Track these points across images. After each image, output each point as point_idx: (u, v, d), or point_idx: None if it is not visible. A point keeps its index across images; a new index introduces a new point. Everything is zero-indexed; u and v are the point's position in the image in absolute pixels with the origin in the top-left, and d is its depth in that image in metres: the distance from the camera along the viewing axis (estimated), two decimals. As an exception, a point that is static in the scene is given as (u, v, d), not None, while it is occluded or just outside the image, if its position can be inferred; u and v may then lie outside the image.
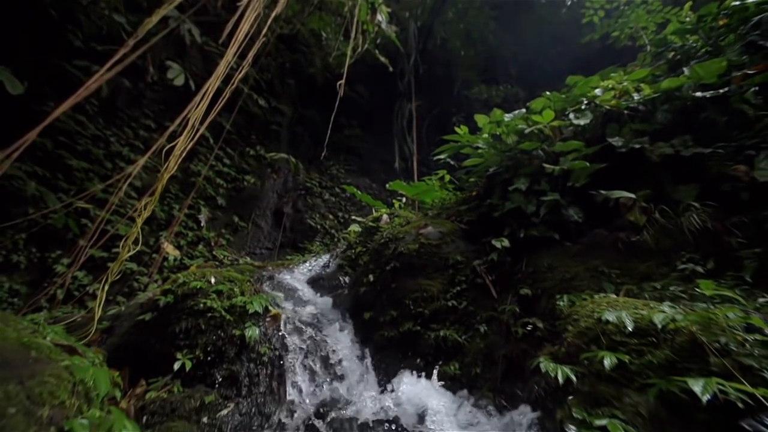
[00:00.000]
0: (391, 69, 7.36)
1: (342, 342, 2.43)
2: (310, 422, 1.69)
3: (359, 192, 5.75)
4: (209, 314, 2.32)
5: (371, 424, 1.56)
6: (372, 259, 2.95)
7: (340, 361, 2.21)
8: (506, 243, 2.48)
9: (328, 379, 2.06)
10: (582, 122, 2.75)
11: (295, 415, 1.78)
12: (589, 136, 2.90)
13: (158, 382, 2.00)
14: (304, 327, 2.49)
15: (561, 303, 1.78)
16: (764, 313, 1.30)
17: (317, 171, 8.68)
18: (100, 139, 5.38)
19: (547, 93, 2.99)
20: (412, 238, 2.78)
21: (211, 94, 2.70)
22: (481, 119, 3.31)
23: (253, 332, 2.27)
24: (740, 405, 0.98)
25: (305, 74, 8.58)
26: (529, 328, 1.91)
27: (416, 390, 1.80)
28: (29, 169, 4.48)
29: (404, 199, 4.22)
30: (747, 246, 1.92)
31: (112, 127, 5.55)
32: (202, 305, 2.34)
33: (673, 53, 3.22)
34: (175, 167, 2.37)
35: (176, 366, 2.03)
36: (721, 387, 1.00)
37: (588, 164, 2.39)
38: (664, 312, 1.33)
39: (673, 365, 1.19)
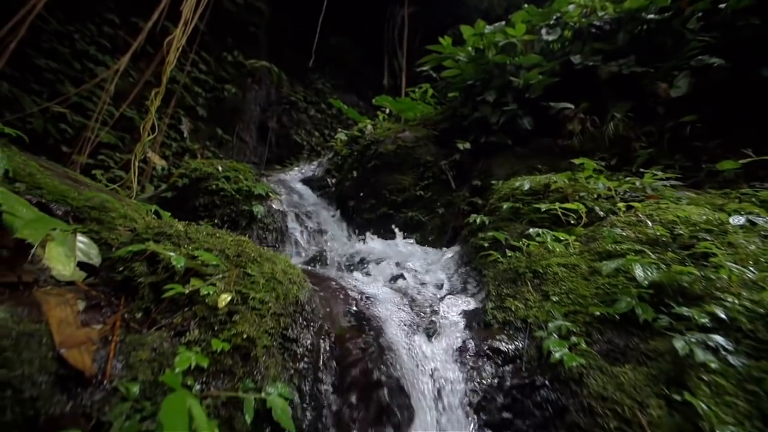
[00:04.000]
0: (383, -36, 6.96)
1: (330, 221, 3.26)
2: (309, 260, 2.57)
3: (346, 107, 6.12)
4: (222, 193, 3.03)
5: (352, 257, 2.44)
6: (356, 159, 3.63)
7: (328, 231, 3.06)
8: (468, 146, 3.17)
9: (320, 240, 2.92)
10: (551, 38, 3.21)
11: (293, 260, 2.65)
12: (558, 51, 3.38)
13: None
14: (299, 209, 3.27)
15: (495, 184, 2.57)
16: (618, 182, 2.09)
17: (302, 84, 8.72)
18: (64, 35, 5.34)
19: (526, 6, 3.34)
20: (390, 141, 3.43)
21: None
22: (466, 30, 3.66)
23: (259, 209, 3.03)
24: (561, 215, 1.81)
25: (284, -36, 7.95)
26: (471, 203, 2.74)
27: (384, 244, 2.68)
28: None
29: (387, 110, 4.72)
30: (645, 148, 2.69)
31: (74, 23, 5.45)
32: (214, 186, 3.04)
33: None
34: (175, 60, 2.78)
35: (203, 227, 2.82)
36: (563, 208, 1.81)
37: (541, 77, 2.96)
38: (551, 178, 2.12)
39: (548, 210, 2.00)
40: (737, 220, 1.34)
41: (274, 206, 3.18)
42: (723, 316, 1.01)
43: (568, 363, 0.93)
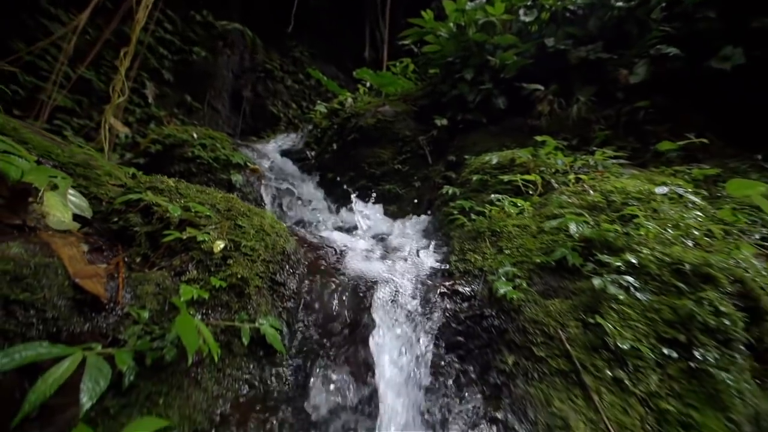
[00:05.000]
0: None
1: (310, 192, 3.38)
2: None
3: (325, 78, 6.06)
4: (198, 161, 3.05)
5: (333, 224, 2.60)
6: (336, 132, 3.72)
7: (309, 201, 3.18)
8: (445, 122, 3.34)
9: (302, 210, 3.04)
10: (528, 19, 3.38)
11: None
12: (535, 33, 3.56)
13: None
14: (279, 180, 3.35)
15: (468, 159, 2.78)
16: (574, 159, 2.35)
17: (278, 52, 8.43)
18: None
19: (507, -16, 3.46)
20: (371, 114, 3.53)
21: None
22: (448, 5, 3.74)
23: (237, 177, 3.09)
24: (522, 186, 2.05)
25: None
26: (445, 177, 2.95)
27: (364, 214, 2.85)
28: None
29: (368, 84, 4.77)
30: (603, 130, 2.98)
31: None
32: (190, 153, 3.05)
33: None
34: (145, 18, 2.70)
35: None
36: (523, 180, 2.04)
37: (516, 58, 3.14)
38: (516, 153, 2.35)
39: (511, 182, 2.23)
40: (661, 189, 1.62)
41: (253, 176, 3.25)
42: (636, 262, 1.28)
43: (510, 296, 1.17)
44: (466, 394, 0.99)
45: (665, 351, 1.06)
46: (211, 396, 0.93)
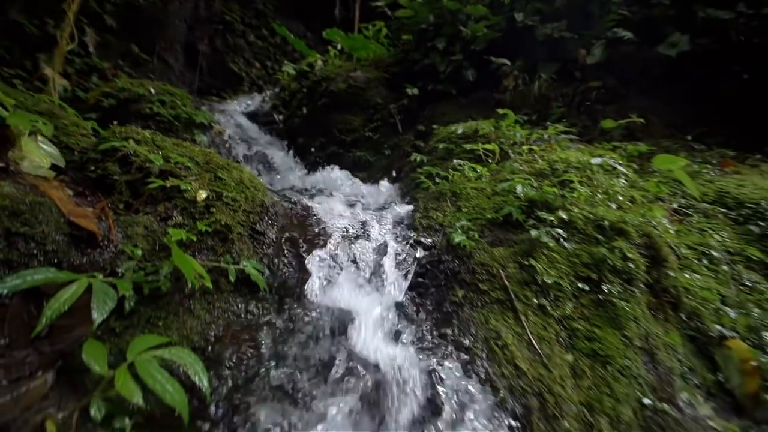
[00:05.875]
0: None
1: (280, 157, 3.43)
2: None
3: (292, 36, 5.85)
4: (158, 118, 2.98)
5: (305, 188, 2.73)
6: (305, 96, 3.73)
7: (280, 165, 3.25)
8: (416, 91, 3.49)
9: (272, 175, 3.11)
10: (500, -9, 3.52)
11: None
12: (507, 6, 3.72)
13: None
14: (247, 143, 3.36)
15: (436, 129, 2.98)
16: (530, 132, 2.63)
17: (238, 2, 7.87)
18: None
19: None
20: (342, 79, 3.58)
21: None
22: (423, -32, 3.76)
23: (202, 138, 3.06)
24: (483, 154, 2.30)
25: None
26: (414, 146, 3.14)
27: (335, 179, 2.99)
28: None
29: (338, 46, 4.72)
30: (559, 107, 3.30)
31: None
32: (148, 110, 2.96)
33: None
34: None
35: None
36: (484, 149, 2.28)
37: (486, 30, 3.31)
38: (480, 125, 2.58)
39: (473, 151, 2.47)
40: (596, 160, 1.93)
41: (218, 137, 3.23)
42: (567, 219, 1.58)
43: (464, 244, 1.42)
44: (423, 318, 1.24)
45: (580, 285, 1.38)
46: (204, 322, 1.10)
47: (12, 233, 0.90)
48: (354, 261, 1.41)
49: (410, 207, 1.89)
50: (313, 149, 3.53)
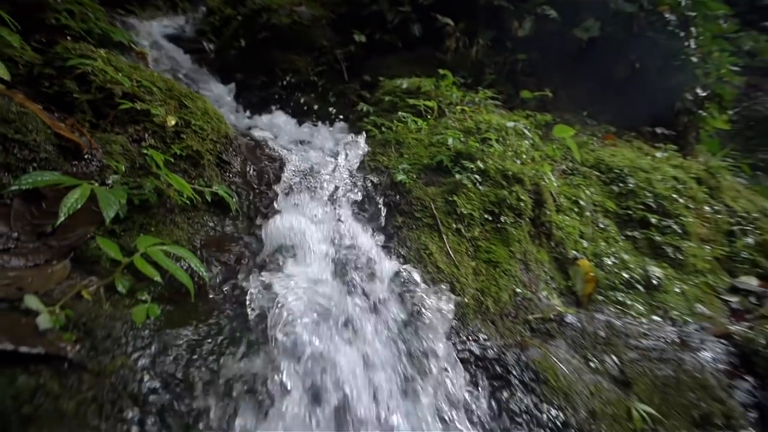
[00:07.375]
0: None
1: (218, 94, 3.37)
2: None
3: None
4: (66, 32, 2.68)
5: (250, 129, 2.83)
6: (242, 25, 3.61)
7: (217, 103, 3.22)
8: (364, 39, 3.66)
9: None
10: (450, -53, 3.74)
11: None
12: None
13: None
14: (174, 72, 3.21)
15: (381, 81, 3.26)
16: (464, 94, 3.09)
17: None
18: None
19: None
20: (285, 12, 3.55)
21: None
22: None
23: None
24: (423, 110, 2.72)
25: None
26: (360, 96, 3.40)
27: (275, 119, 3.12)
28: None
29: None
30: (491, 74, 3.83)
31: None
32: (54, 21, 2.63)
33: None
34: None
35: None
36: (425, 105, 2.68)
37: (434, -14, 3.57)
38: (422, 82, 2.95)
39: (415, 106, 2.84)
40: (510, 124, 2.49)
41: (141, 62, 3.03)
42: (483, 168, 2.10)
43: (404, 182, 1.85)
44: (372, 234, 1.66)
45: (486, 216, 1.94)
46: (188, 233, 1.34)
47: (8, 138, 1.02)
48: (312, 190, 1.74)
49: (359, 152, 2.23)
50: (254, 88, 3.53)
